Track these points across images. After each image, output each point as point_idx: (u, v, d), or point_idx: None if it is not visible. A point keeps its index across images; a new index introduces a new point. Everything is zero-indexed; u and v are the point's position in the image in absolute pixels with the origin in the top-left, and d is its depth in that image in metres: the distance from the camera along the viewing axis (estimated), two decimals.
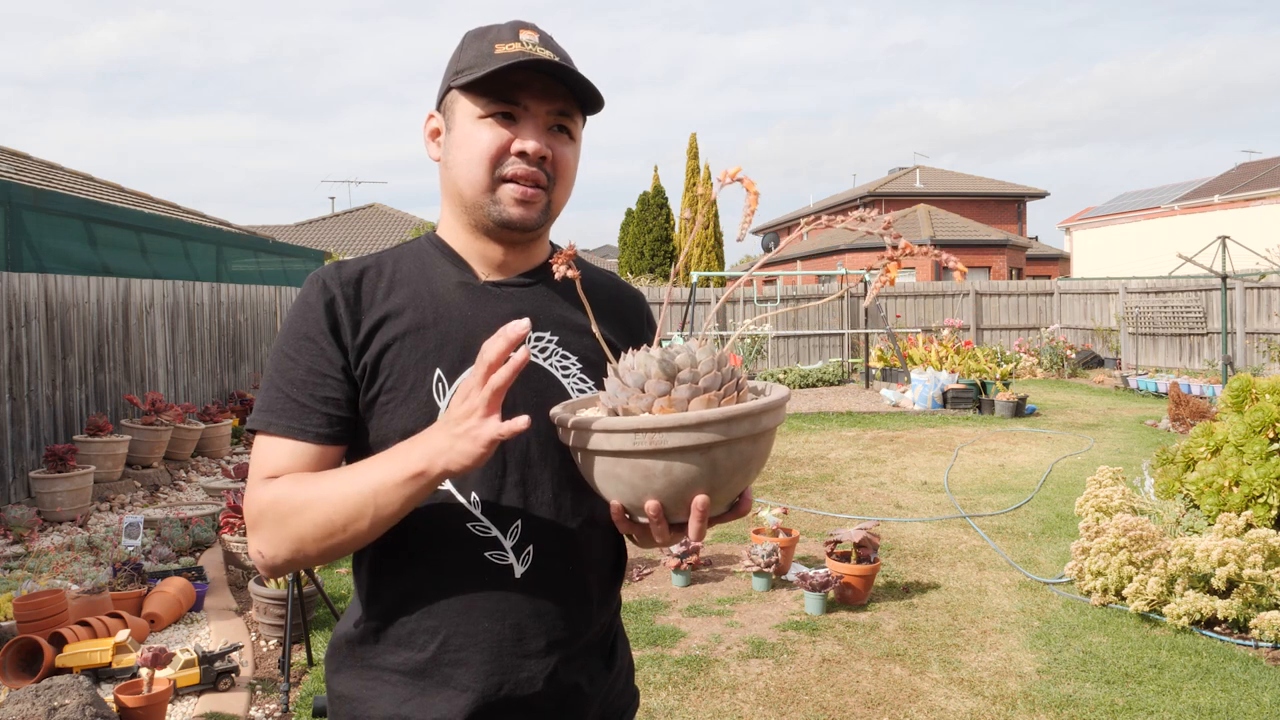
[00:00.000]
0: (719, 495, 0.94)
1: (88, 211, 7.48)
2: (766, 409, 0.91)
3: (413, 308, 1.13)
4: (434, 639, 1.09)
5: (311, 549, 1.02)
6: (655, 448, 0.88)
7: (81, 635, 3.55)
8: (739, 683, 3.63)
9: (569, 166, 1.15)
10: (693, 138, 28.49)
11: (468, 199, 1.13)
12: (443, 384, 1.10)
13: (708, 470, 0.90)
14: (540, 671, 1.10)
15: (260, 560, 1.07)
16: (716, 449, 0.89)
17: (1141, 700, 3.40)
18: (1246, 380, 4.88)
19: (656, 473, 0.90)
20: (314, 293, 1.12)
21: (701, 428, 0.87)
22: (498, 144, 1.10)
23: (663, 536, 0.96)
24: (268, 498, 1.04)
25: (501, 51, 1.09)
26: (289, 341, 1.11)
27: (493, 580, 1.09)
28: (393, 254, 1.20)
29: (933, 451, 8.73)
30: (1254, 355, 13.23)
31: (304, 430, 1.08)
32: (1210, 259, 12.49)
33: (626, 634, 1.33)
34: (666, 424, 0.87)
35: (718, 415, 0.88)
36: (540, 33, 1.13)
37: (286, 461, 1.07)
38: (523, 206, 1.11)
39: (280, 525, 1.03)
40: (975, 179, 32.48)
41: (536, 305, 1.18)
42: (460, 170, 1.12)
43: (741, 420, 0.89)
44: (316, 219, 28.84)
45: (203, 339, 9.46)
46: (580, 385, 1.17)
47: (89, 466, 6.09)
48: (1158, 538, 4.30)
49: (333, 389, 1.09)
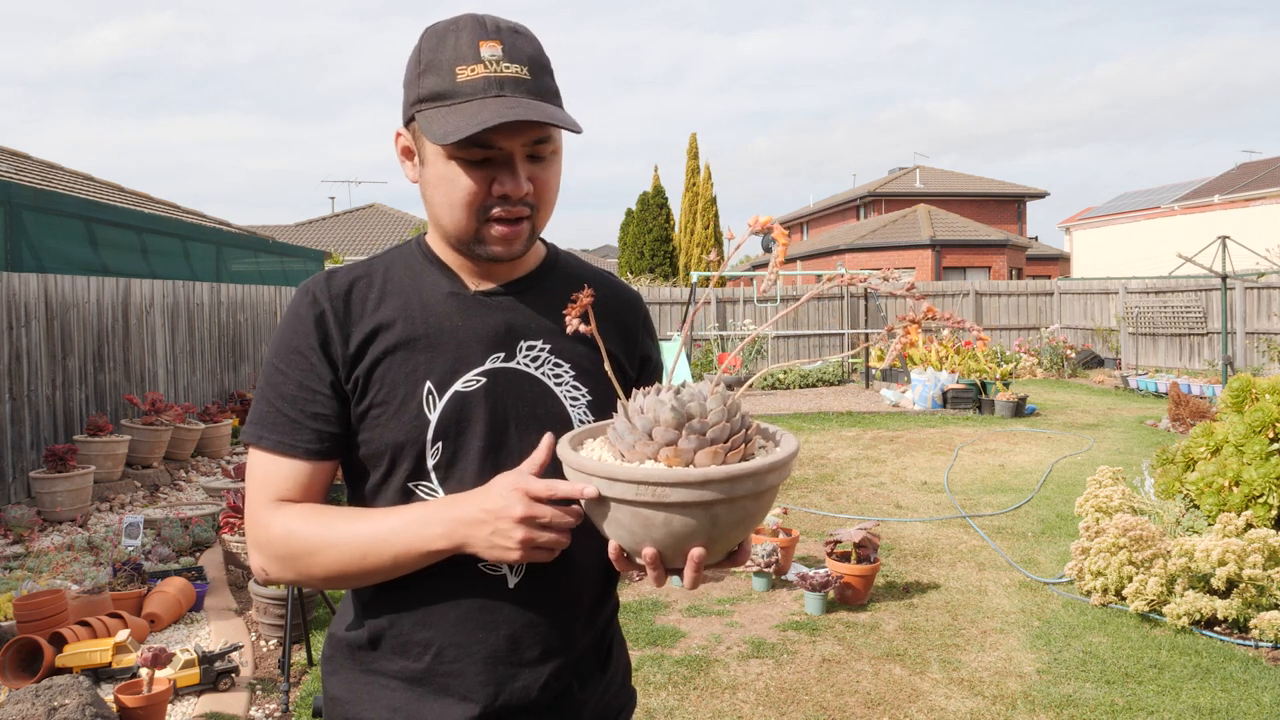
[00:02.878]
0: (716, 547, 0.93)
1: (88, 211, 7.48)
2: (772, 468, 0.90)
3: (403, 319, 1.11)
4: (428, 650, 1.09)
5: (318, 584, 1.09)
6: (657, 500, 0.88)
7: (81, 635, 3.55)
8: (739, 683, 3.63)
9: (550, 188, 1.11)
10: (693, 138, 28.50)
11: (451, 236, 1.10)
12: (433, 397, 1.10)
13: (708, 524, 0.90)
14: (535, 680, 1.11)
15: (262, 577, 1.10)
16: (718, 505, 0.88)
17: (1141, 700, 3.40)
18: (1246, 380, 4.88)
19: (656, 523, 0.89)
20: (304, 305, 1.11)
21: (705, 485, 0.87)
22: (479, 190, 1.05)
23: (658, 581, 0.95)
24: (278, 530, 1.06)
25: (465, 80, 1.01)
26: (279, 354, 1.10)
27: (486, 592, 1.09)
28: (384, 260, 1.18)
29: (933, 451, 8.73)
30: (1254, 355, 13.23)
31: (294, 446, 1.08)
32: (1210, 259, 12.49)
33: (624, 634, 1.32)
34: (670, 479, 0.86)
35: (722, 475, 0.87)
36: (502, 36, 1.04)
37: (282, 478, 1.08)
38: (507, 243, 1.09)
39: (290, 560, 1.06)
40: (975, 179, 32.46)
41: (527, 314, 1.16)
42: (441, 211, 1.09)
43: (745, 480, 0.88)
44: (316, 219, 28.83)
45: (203, 339, 9.46)
46: (573, 393, 1.15)
47: (89, 466, 6.09)
48: (1158, 538, 4.30)
49: (322, 405, 1.09)
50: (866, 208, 31.27)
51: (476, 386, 1.11)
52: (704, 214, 27.75)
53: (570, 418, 1.14)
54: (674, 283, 23.77)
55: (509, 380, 1.12)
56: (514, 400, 1.11)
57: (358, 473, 1.13)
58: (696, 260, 27.00)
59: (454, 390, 1.10)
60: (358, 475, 1.13)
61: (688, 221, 28.11)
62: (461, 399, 1.10)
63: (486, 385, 1.11)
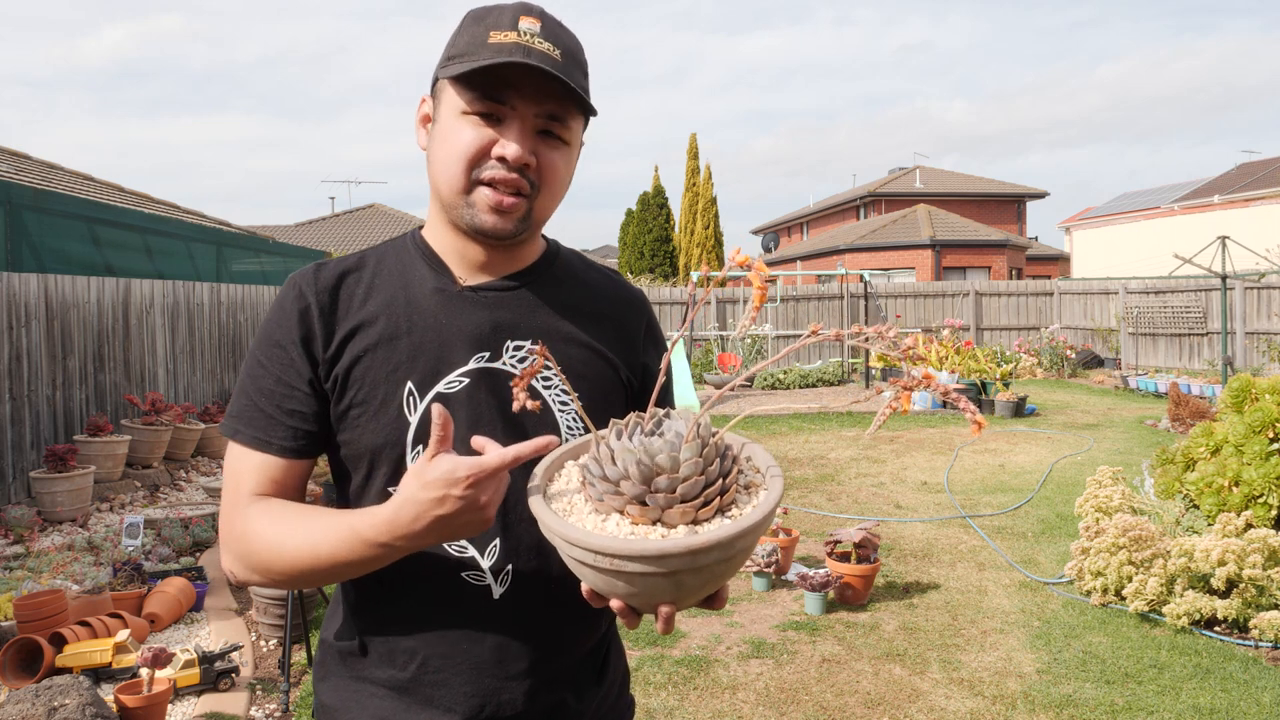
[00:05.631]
0: (685, 603, 0.89)
1: (88, 211, 7.49)
2: (744, 533, 0.83)
3: (386, 316, 1.07)
4: (413, 660, 1.07)
5: (283, 583, 1.04)
6: (615, 570, 0.83)
7: (82, 635, 3.55)
8: (739, 683, 3.63)
9: (556, 173, 1.06)
10: (692, 138, 28.50)
11: (444, 197, 1.07)
12: (414, 398, 1.06)
13: (672, 588, 0.85)
14: (521, 692, 1.08)
15: (231, 578, 1.07)
16: (682, 574, 0.83)
17: (1141, 700, 3.40)
18: (1246, 380, 4.88)
19: (620, 583, 0.85)
20: (290, 298, 1.07)
21: (663, 559, 0.80)
22: (478, 145, 1.02)
23: (630, 625, 0.92)
24: (240, 529, 1.03)
25: (495, 41, 1.00)
26: (262, 347, 1.07)
27: (470, 602, 1.06)
28: (377, 252, 1.14)
29: (933, 451, 8.73)
30: (1254, 355, 13.22)
31: (269, 443, 1.05)
32: (1210, 259, 12.49)
33: (622, 640, 1.29)
34: (625, 551, 0.81)
35: (681, 549, 0.80)
36: (545, 19, 1.04)
37: (256, 475, 1.05)
38: (497, 215, 1.04)
39: (249, 560, 1.02)
40: (975, 179, 32.46)
41: (517, 312, 1.11)
42: (439, 167, 1.06)
43: (711, 550, 0.81)
44: (316, 219, 28.82)
45: (203, 339, 9.46)
46: (563, 398, 1.11)
47: (89, 466, 6.09)
48: (1157, 538, 4.30)
49: (300, 402, 1.06)
50: (866, 208, 31.27)
51: (459, 388, 1.06)
52: (704, 214, 27.74)
53: (558, 424, 1.10)
54: (674, 283, 23.77)
55: (494, 382, 1.07)
56: (499, 403, 1.07)
57: (341, 474, 1.10)
58: (696, 260, 27.00)
59: (436, 391, 1.06)
60: (342, 476, 1.10)
61: (688, 222, 28.11)
62: (443, 401, 1.05)
63: (469, 387, 1.07)
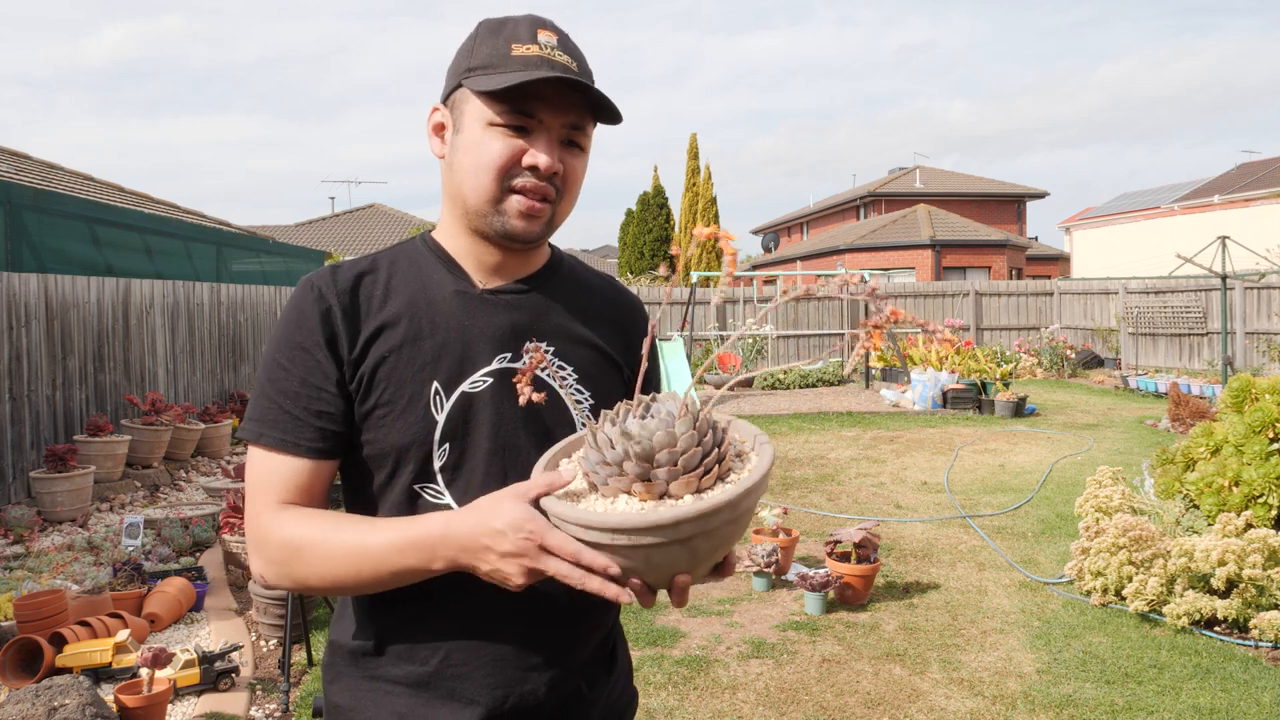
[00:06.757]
0: (699, 570, 0.94)
1: (88, 212, 7.49)
2: (748, 493, 0.89)
3: (409, 316, 1.10)
4: (435, 654, 1.08)
5: (315, 590, 1.06)
6: (634, 544, 0.87)
7: (81, 635, 3.55)
8: (739, 683, 3.63)
9: (577, 179, 1.12)
10: (693, 138, 28.50)
11: (471, 205, 1.10)
12: (440, 397, 1.08)
13: (687, 556, 0.89)
14: (543, 683, 1.10)
15: (261, 582, 1.09)
16: (695, 539, 0.88)
17: (1141, 700, 3.40)
18: (1246, 380, 4.88)
19: (636, 559, 0.89)
20: (309, 301, 1.08)
21: (678, 525, 0.85)
22: (509, 155, 1.06)
23: (645, 604, 0.95)
24: (277, 537, 1.04)
25: (519, 54, 1.05)
26: (282, 350, 1.07)
27: (491, 595, 1.06)
28: (389, 255, 1.17)
29: (933, 451, 8.73)
30: (1254, 355, 13.22)
31: (296, 444, 1.05)
32: (1210, 259, 12.49)
33: (625, 635, 1.33)
34: (642, 524, 0.85)
35: (693, 513, 0.85)
36: (558, 33, 1.09)
37: (284, 477, 1.06)
38: (527, 220, 1.08)
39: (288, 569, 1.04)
40: (975, 179, 32.46)
41: (533, 313, 1.16)
42: (466, 176, 1.09)
43: (721, 511, 0.87)
44: (316, 219, 28.84)
45: (203, 339, 9.46)
46: (576, 396, 1.15)
47: (89, 466, 6.09)
48: (1157, 538, 4.30)
49: (327, 403, 1.06)
50: (866, 208, 31.27)
51: (484, 387, 1.10)
52: (704, 214, 27.75)
53: (574, 421, 1.13)
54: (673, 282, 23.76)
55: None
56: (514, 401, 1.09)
57: (360, 474, 1.11)
58: (696, 261, 26.99)
59: (461, 391, 1.09)
60: (360, 476, 1.11)
61: (688, 222, 28.11)
62: (468, 400, 1.09)
63: (494, 386, 1.10)
